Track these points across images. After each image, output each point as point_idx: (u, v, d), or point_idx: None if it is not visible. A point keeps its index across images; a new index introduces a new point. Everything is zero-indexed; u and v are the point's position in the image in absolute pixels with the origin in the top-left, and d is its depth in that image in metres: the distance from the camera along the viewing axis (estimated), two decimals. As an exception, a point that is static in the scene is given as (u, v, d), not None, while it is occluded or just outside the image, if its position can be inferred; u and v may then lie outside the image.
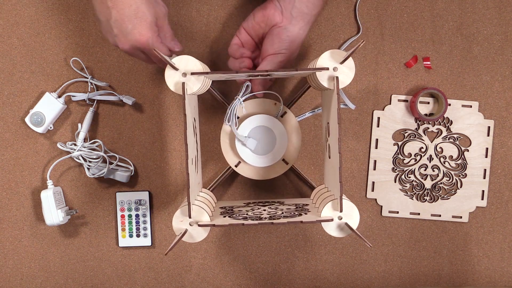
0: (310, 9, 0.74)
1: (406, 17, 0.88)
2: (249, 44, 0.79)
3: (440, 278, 0.90)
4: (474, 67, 0.88)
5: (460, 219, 0.89)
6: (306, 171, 0.89)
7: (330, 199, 0.67)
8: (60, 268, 0.90)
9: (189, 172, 0.64)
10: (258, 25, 0.77)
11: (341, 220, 0.67)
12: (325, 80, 0.67)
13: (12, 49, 0.87)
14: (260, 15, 0.76)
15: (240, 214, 0.71)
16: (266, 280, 0.90)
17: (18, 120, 0.88)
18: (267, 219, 0.66)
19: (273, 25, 0.75)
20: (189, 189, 0.64)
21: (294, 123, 0.81)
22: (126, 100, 0.86)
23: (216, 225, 0.65)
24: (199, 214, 0.67)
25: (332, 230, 0.67)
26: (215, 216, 0.71)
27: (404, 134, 0.89)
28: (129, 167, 0.88)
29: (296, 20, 0.74)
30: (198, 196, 0.73)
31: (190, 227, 0.67)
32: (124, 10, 0.68)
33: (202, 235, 0.67)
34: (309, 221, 0.65)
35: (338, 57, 0.67)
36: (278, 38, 0.74)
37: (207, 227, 0.67)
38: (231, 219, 0.68)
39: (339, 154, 0.65)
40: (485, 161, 0.89)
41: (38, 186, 0.89)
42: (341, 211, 0.66)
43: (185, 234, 0.66)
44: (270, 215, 0.69)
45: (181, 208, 0.68)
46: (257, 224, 0.65)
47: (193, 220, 0.67)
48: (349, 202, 0.67)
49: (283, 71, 0.67)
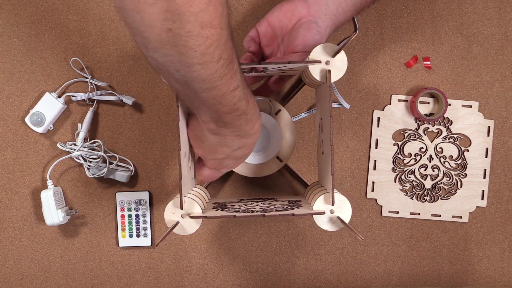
0: (340, 13, 0.72)
1: (406, 17, 0.88)
2: (267, 37, 0.76)
3: (440, 278, 0.90)
4: (474, 67, 0.88)
5: (460, 219, 0.89)
6: (301, 170, 0.89)
7: (322, 193, 0.68)
8: (60, 268, 0.90)
9: (181, 164, 0.64)
10: (284, 15, 0.73)
11: (333, 214, 0.67)
12: (318, 74, 0.67)
13: (12, 49, 0.87)
14: (286, 4, 0.73)
15: (232, 208, 0.71)
16: (266, 280, 0.90)
17: (18, 120, 0.88)
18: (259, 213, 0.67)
19: (300, 17, 0.72)
20: (181, 180, 0.64)
21: (289, 121, 0.81)
22: (126, 100, 0.86)
23: (208, 217, 0.66)
24: (191, 206, 0.67)
25: (324, 224, 0.67)
26: (207, 210, 0.71)
27: (404, 134, 0.89)
28: (129, 167, 0.88)
29: (325, 17, 0.71)
30: (191, 190, 0.74)
31: (182, 219, 0.67)
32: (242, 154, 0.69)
33: (194, 228, 0.68)
34: (301, 213, 0.65)
35: (331, 51, 0.67)
36: (308, 30, 0.71)
37: (199, 219, 0.67)
38: (223, 212, 0.68)
39: (331, 146, 0.65)
40: (485, 161, 0.89)
41: (38, 186, 0.89)
42: (333, 204, 0.66)
43: (176, 226, 0.66)
44: (262, 209, 0.69)
45: (173, 200, 0.68)
46: (248, 216, 0.65)
47: (185, 212, 0.67)
48: (341, 196, 0.67)
49: (275, 64, 0.66)
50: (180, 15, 0.45)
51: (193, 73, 0.51)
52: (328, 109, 0.65)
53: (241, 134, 0.65)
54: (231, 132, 0.64)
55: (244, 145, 0.67)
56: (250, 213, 0.67)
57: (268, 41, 0.76)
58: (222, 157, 0.68)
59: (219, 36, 0.49)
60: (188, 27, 0.46)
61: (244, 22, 0.88)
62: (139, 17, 0.45)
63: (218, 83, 0.54)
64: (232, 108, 0.59)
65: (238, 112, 0.60)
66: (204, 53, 0.49)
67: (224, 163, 0.70)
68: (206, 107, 0.59)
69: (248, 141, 0.67)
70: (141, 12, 0.45)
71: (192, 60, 0.49)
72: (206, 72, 0.51)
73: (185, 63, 0.50)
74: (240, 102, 0.59)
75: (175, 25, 0.46)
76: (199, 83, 0.53)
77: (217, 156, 0.68)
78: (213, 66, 0.51)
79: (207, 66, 0.50)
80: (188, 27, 0.46)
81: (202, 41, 0.48)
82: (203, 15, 0.46)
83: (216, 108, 0.58)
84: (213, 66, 0.51)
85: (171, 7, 0.44)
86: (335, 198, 0.66)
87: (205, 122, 0.63)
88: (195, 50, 0.48)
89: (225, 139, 0.65)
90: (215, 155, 0.68)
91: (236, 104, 0.59)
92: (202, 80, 0.52)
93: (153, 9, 0.44)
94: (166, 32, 0.46)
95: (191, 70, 0.51)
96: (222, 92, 0.55)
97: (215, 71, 0.52)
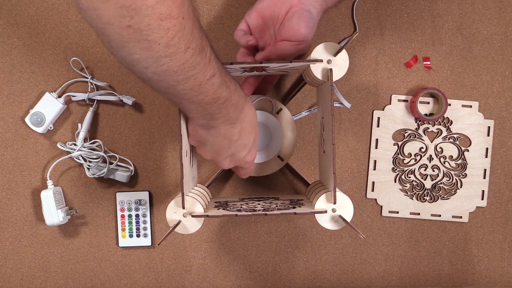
0: None
1: (406, 17, 0.88)
2: (259, 29, 0.75)
3: (440, 278, 0.90)
4: (474, 67, 0.88)
5: (460, 219, 0.89)
6: (302, 169, 0.89)
7: (324, 192, 0.68)
8: (60, 268, 0.90)
9: (183, 163, 0.64)
10: (274, 4, 0.72)
11: (335, 213, 0.67)
12: (319, 73, 0.68)
13: (12, 49, 0.87)
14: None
15: (234, 207, 0.71)
16: (266, 280, 0.90)
17: (18, 120, 0.88)
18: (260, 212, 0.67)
19: (291, 5, 0.71)
20: (183, 179, 0.64)
21: (290, 120, 0.81)
22: (126, 100, 0.86)
23: (209, 216, 0.66)
24: (193, 205, 0.67)
25: (326, 222, 0.67)
26: (209, 209, 0.71)
27: (404, 134, 0.89)
28: (129, 167, 0.88)
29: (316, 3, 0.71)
30: (192, 189, 0.74)
31: (184, 218, 0.67)
32: (245, 141, 0.69)
33: (195, 227, 0.68)
34: (303, 212, 0.65)
35: (332, 50, 0.67)
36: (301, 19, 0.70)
37: (201, 217, 0.67)
38: (225, 211, 0.68)
39: (332, 145, 0.65)
40: (485, 161, 0.89)
41: (38, 186, 0.89)
42: (335, 203, 0.66)
43: (178, 225, 0.66)
44: (264, 208, 0.69)
45: (175, 199, 0.68)
46: (250, 215, 0.65)
47: (187, 211, 0.67)
48: (343, 194, 0.67)
49: (277, 64, 0.66)
50: (136, 9, 0.45)
51: (162, 67, 0.51)
52: (329, 108, 0.65)
53: (232, 121, 0.65)
54: (222, 122, 0.64)
55: (242, 131, 0.67)
56: (252, 212, 0.67)
57: (259, 33, 0.75)
58: (229, 152, 0.68)
59: (181, 26, 0.48)
60: (146, 21, 0.46)
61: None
62: (96, 15, 0.45)
63: (191, 73, 0.53)
64: (214, 97, 0.59)
65: (221, 100, 0.60)
66: (169, 44, 0.48)
67: (236, 156, 0.70)
68: (188, 101, 0.58)
69: (244, 127, 0.67)
70: (97, 10, 0.45)
71: (158, 53, 0.49)
72: (175, 63, 0.51)
73: (152, 57, 0.49)
74: (221, 89, 0.59)
75: (133, 20, 0.45)
76: (172, 76, 0.52)
77: (223, 153, 0.68)
78: (181, 56, 0.50)
79: (175, 57, 0.50)
80: (146, 21, 0.46)
81: (164, 33, 0.47)
82: (159, 7, 0.45)
83: (198, 100, 0.58)
84: (181, 57, 0.51)
85: (125, 3, 0.44)
86: (336, 196, 0.66)
87: (195, 119, 0.63)
88: (158, 43, 0.48)
89: (219, 131, 0.65)
90: (220, 152, 0.68)
91: (217, 92, 0.59)
92: (174, 72, 0.52)
93: (108, 6, 0.44)
94: (126, 29, 0.46)
95: (160, 64, 0.50)
96: (199, 82, 0.55)
97: (185, 62, 0.51)
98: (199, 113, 0.61)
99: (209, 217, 0.66)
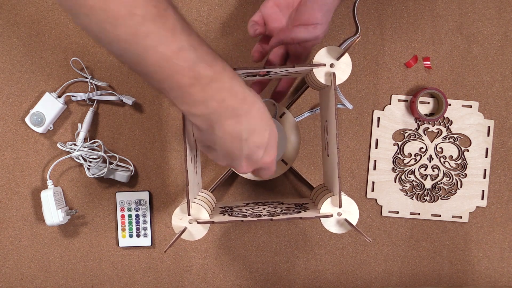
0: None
1: (406, 17, 0.88)
2: (273, 18, 0.71)
3: (440, 278, 0.90)
4: (474, 67, 0.88)
5: (460, 219, 0.89)
6: (306, 172, 0.89)
7: (329, 196, 0.68)
8: (60, 268, 0.90)
9: (187, 170, 0.64)
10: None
11: (341, 216, 0.67)
12: (322, 77, 0.68)
13: (12, 49, 0.87)
14: None
15: (239, 213, 0.71)
16: (266, 280, 0.90)
17: (18, 120, 0.88)
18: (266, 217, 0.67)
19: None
20: (188, 186, 0.64)
21: (293, 124, 0.82)
22: (126, 100, 0.86)
23: (215, 222, 0.66)
24: (198, 211, 0.67)
25: (332, 226, 0.67)
26: (214, 214, 0.71)
27: (404, 134, 0.89)
28: (129, 167, 0.88)
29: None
30: (197, 195, 0.74)
31: (190, 224, 0.67)
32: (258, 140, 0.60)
33: (201, 233, 0.68)
34: (309, 217, 0.65)
35: (335, 54, 0.67)
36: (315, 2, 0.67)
37: (207, 224, 0.67)
38: (231, 217, 0.68)
39: (337, 149, 0.65)
40: (485, 161, 0.89)
41: (38, 186, 0.89)
42: (340, 206, 0.66)
43: (184, 232, 0.66)
44: (270, 213, 0.69)
45: (180, 206, 0.68)
46: (256, 221, 0.65)
47: (192, 218, 0.67)
48: (348, 198, 0.67)
49: (280, 69, 0.66)
50: None
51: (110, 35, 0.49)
52: (333, 112, 0.65)
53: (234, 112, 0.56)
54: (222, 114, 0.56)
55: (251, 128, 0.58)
56: (258, 217, 0.66)
57: (273, 22, 0.72)
58: (242, 154, 0.60)
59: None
60: None
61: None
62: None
63: (147, 43, 0.50)
64: (192, 76, 0.52)
65: (204, 80, 0.53)
66: (105, 9, 0.47)
67: (253, 158, 0.61)
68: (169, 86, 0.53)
69: (252, 122, 0.58)
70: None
71: (99, 19, 0.48)
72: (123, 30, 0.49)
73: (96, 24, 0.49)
74: (198, 67, 0.52)
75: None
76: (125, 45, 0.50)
77: (236, 156, 0.60)
78: (126, 23, 0.49)
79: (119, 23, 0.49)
80: None
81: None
82: None
83: (175, 80, 0.53)
84: (126, 23, 0.49)
85: None
86: (342, 200, 0.66)
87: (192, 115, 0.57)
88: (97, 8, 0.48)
89: (223, 128, 0.57)
90: (233, 156, 0.60)
91: (193, 69, 0.52)
92: (124, 41, 0.50)
93: None
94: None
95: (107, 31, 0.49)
96: (164, 56, 0.51)
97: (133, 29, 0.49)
98: (188, 102, 0.55)
99: (215, 223, 0.66)
